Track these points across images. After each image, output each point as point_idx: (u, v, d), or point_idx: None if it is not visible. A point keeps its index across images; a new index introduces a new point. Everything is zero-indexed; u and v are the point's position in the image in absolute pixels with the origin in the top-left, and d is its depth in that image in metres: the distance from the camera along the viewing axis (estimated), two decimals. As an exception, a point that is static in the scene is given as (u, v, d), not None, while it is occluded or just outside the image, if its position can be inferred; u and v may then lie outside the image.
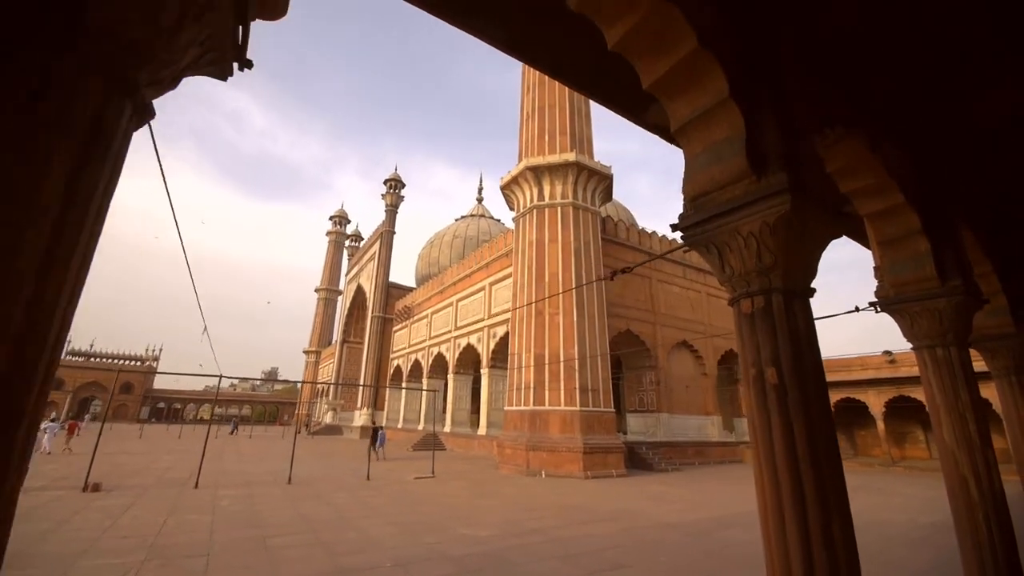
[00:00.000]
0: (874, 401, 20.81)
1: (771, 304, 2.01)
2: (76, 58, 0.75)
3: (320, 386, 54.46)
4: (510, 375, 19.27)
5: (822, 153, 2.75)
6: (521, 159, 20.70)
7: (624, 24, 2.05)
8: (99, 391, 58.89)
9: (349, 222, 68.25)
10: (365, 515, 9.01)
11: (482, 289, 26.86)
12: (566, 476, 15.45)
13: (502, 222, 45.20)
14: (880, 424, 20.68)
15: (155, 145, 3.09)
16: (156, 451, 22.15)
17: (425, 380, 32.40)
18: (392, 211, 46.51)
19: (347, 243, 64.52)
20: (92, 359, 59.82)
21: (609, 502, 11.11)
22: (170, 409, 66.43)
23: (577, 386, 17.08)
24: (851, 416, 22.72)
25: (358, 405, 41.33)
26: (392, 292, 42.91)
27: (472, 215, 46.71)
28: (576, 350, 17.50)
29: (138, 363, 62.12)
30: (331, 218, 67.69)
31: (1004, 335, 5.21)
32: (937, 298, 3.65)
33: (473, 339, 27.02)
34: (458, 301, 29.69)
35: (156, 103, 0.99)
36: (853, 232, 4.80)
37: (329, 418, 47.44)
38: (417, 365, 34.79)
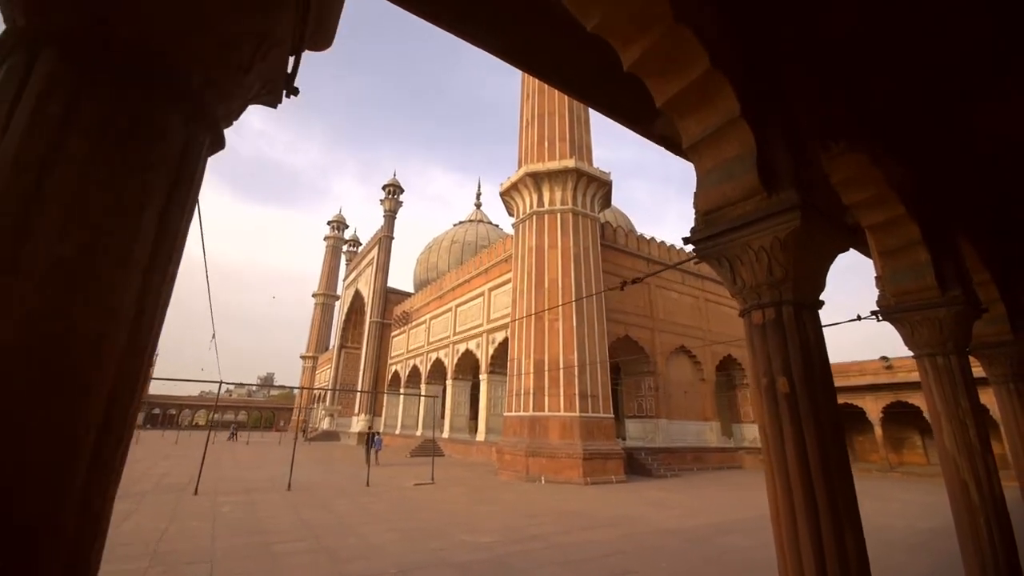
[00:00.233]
0: (871, 407, 20.88)
1: (782, 316, 2.08)
2: (165, 98, 0.82)
3: (317, 392, 54.20)
4: (509, 381, 19.27)
5: (825, 166, 2.83)
6: (521, 165, 20.82)
7: (640, 46, 2.13)
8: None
9: (347, 227, 68.16)
10: (366, 521, 9.01)
11: (481, 295, 26.87)
12: (565, 482, 15.44)
13: (500, 227, 45.26)
14: (878, 430, 20.74)
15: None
16: (153, 456, 22.00)
17: (423, 386, 32.30)
18: (391, 216, 46.51)
19: (345, 248, 64.41)
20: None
21: (609, 508, 11.12)
22: (165, 415, 65.93)
23: (577, 392, 17.09)
24: (848, 422, 22.77)
25: (356, 411, 41.13)
26: (390, 297, 42.81)
27: (471, 220, 46.75)
28: (576, 356, 17.53)
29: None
30: (329, 223, 67.60)
31: (1002, 343, 5.30)
32: (937, 307, 3.74)
33: (472, 344, 27.00)
34: (457, 306, 29.66)
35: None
36: (855, 242, 4.90)
37: (326, 424, 47.17)
38: (415, 371, 34.69)
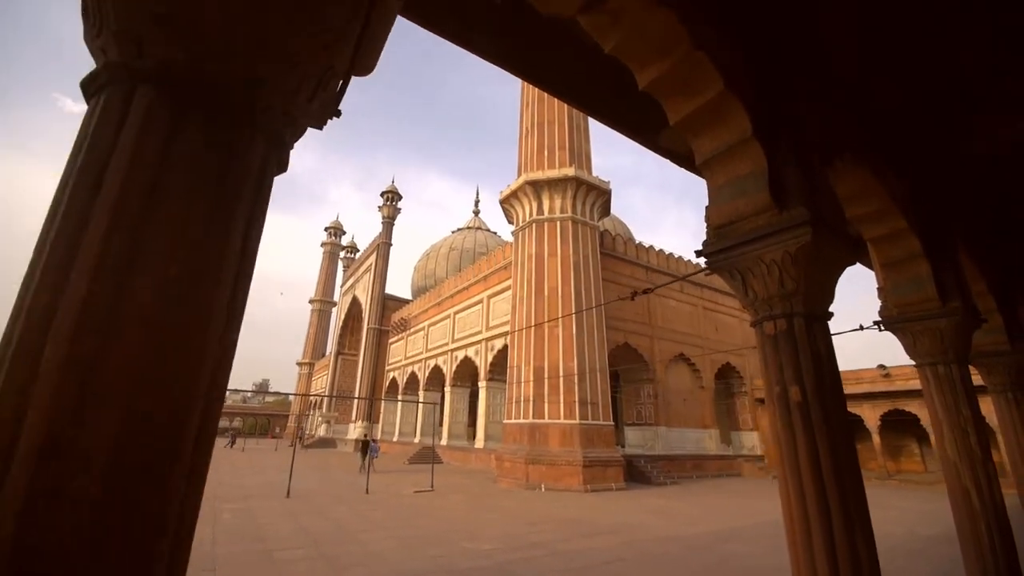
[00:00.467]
0: (869, 415, 20.95)
1: (793, 327, 2.16)
2: (252, 130, 0.89)
3: (313, 398, 53.91)
4: (509, 388, 19.26)
5: (831, 180, 2.92)
6: (520, 173, 20.96)
7: (657, 69, 2.22)
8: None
9: (344, 233, 68.19)
10: (366, 528, 8.98)
11: (480, 302, 26.89)
12: (565, 489, 15.43)
13: (499, 235, 45.41)
14: (875, 437, 20.80)
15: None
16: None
17: (422, 392, 32.18)
18: (389, 223, 46.54)
19: (342, 254, 64.37)
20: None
21: (609, 515, 11.13)
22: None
23: (576, 399, 17.10)
24: (846, 430, 22.82)
25: (353, 418, 40.91)
26: (388, 304, 42.71)
27: (469, 227, 46.90)
28: (576, 363, 17.57)
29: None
30: (326, 229, 67.63)
31: (1000, 352, 5.40)
32: (938, 318, 3.83)
33: (471, 352, 26.97)
34: (455, 313, 29.65)
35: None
36: (860, 255, 4.99)
37: (323, 431, 46.86)
38: (413, 377, 34.58)
